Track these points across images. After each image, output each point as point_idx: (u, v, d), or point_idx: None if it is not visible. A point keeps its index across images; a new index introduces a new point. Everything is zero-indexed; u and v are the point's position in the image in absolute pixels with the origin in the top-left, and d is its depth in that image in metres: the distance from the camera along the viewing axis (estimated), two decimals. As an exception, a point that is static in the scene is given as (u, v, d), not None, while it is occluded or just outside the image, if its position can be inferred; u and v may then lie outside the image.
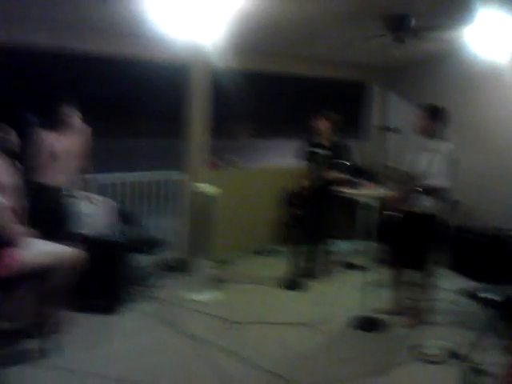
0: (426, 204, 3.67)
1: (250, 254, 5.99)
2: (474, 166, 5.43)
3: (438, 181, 3.47)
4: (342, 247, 6.01)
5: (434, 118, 3.73)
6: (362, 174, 6.31)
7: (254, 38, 5.06)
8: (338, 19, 4.21)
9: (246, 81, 6.31)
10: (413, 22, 3.92)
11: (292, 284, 4.80)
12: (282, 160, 8.09)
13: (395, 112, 6.97)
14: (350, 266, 5.42)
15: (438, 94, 6.22)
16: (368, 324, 3.85)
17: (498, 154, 5.51)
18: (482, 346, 3.07)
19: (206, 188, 4.47)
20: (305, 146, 5.09)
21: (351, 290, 4.55)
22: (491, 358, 3.01)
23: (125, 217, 4.74)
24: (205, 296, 4.49)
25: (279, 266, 5.36)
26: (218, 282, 4.75)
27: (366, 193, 6.07)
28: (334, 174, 4.63)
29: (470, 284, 4.63)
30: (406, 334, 3.78)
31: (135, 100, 14.77)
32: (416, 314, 3.88)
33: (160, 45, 4.93)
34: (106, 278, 4.02)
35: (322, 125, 4.85)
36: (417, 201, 3.67)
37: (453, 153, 3.59)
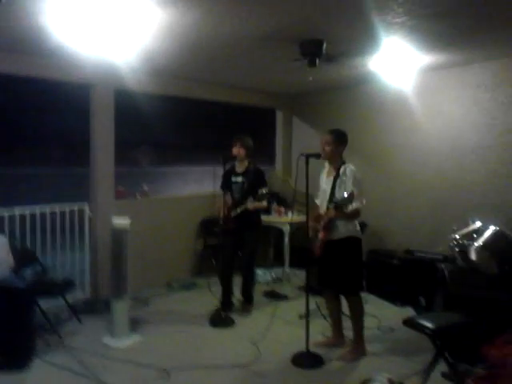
0: (346, 228, 3.54)
1: (167, 290, 5.55)
2: (378, 189, 5.65)
3: (351, 204, 3.33)
4: (262, 276, 5.82)
5: (340, 142, 3.67)
6: (275, 199, 6.25)
7: (166, 61, 4.76)
8: (254, 43, 4.07)
9: (157, 105, 5.97)
10: (324, 46, 3.87)
11: (218, 320, 4.40)
12: (195, 187, 7.76)
13: (299, 137, 7.20)
14: (274, 296, 5.19)
15: (341, 120, 6.44)
16: (305, 360, 3.54)
17: (402, 178, 5.76)
18: (426, 376, 2.94)
19: (115, 219, 3.99)
20: (221, 172, 4.80)
21: (280, 322, 4.36)
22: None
23: (22, 255, 4.12)
24: (124, 342, 3.97)
25: (201, 300, 5.02)
26: (137, 324, 4.28)
27: (284, 219, 6.03)
28: (254, 203, 4.39)
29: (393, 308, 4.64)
30: (348, 368, 3.52)
31: (36, 124, 13.52)
32: (355, 346, 3.67)
33: (64, 64, 4.54)
34: (4, 331, 3.42)
35: (238, 151, 4.58)
36: (335, 226, 3.53)
37: (357, 174, 3.54)
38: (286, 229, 5.93)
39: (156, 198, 6.54)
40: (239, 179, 4.61)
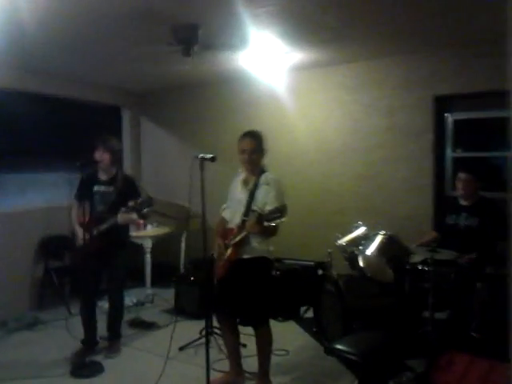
0: (260, 246, 2.99)
1: (2, 331, 4.30)
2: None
3: (280, 218, 2.77)
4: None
5: (264, 148, 3.14)
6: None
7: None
8: (120, 23, 3.34)
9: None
10: (200, 32, 3.34)
11: (82, 368, 3.42)
12: (40, 199, 6.42)
13: (149, 138, 6.70)
14: (140, 325, 4.39)
15: (199, 120, 6.04)
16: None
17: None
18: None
19: None
20: (81, 181, 3.88)
21: (158, 359, 3.55)
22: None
23: None
24: None
25: (50, 342, 4.01)
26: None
27: (144, 233, 5.31)
28: (124, 216, 3.59)
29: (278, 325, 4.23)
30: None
31: None
32: (260, 381, 3.09)
33: None
34: None
35: (101, 156, 3.75)
36: (248, 243, 2.97)
37: (281, 185, 3.07)
38: (147, 244, 5.21)
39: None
40: (104, 188, 3.77)
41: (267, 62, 4.62)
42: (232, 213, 3.15)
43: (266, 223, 2.77)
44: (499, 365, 2.57)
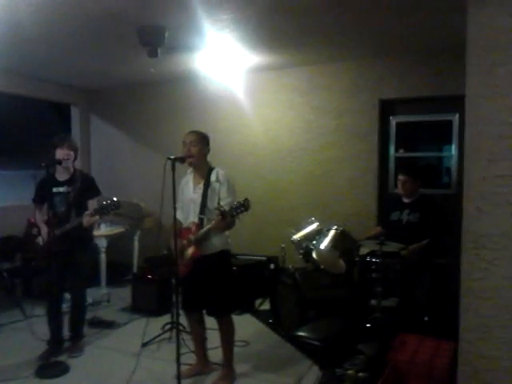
0: (220, 241, 3.11)
1: None
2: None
3: (245, 211, 2.90)
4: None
5: (206, 143, 3.23)
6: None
7: None
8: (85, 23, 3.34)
9: None
10: (167, 34, 3.41)
11: (48, 368, 3.37)
12: None
13: (99, 135, 6.63)
14: (99, 324, 4.36)
15: (152, 118, 6.07)
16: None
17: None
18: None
19: None
20: (38, 184, 3.78)
21: (123, 356, 3.62)
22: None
23: None
24: None
25: (9, 343, 3.93)
26: None
27: (98, 233, 5.23)
28: (88, 219, 3.54)
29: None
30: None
31: None
32: (226, 370, 3.21)
33: None
34: None
35: (68, 154, 3.66)
36: (208, 239, 3.08)
37: (230, 179, 3.19)
38: (102, 243, 5.19)
39: None
40: (63, 189, 3.71)
41: (224, 63, 4.75)
42: (185, 213, 3.23)
43: (229, 218, 2.91)
44: (445, 342, 2.91)
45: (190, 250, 3.12)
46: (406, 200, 4.11)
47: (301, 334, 2.83)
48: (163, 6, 3.10)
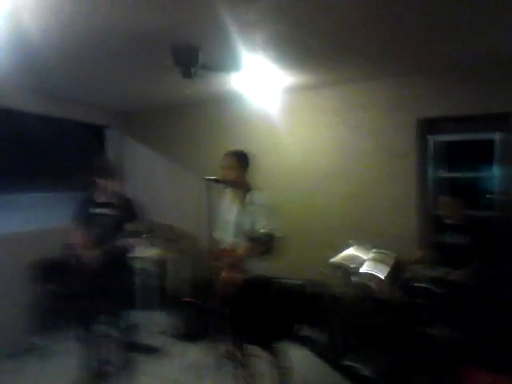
0: (257, 267, 3.06)
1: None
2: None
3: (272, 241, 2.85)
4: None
5: (244, 165, 3.21)
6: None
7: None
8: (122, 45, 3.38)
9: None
10: (200, 55, 3.41)
11: None
12: (34, 221, 6.18)
13: (134, 157, 6.65)
14: (142, 349, 4.30)
15: (185, 139, 6.08)
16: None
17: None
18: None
19: None
20: (79, 203, 3.83)
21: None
22: None
23: None
24: None
25: (53, 371, 3.87)
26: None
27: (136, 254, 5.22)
28: (127, 240, 3.55)
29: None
30: None
31: None
32: None
33: None
34: None
35: (105, 180, 3.70)
36: (241, 265, 3.01)
37: (270, 203, 3.13)
38: (138, 266, 5.16)
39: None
40: (102, 211, 3.73)
41: (259, 83, 4.74)
42: (221, 233, 3.18)
43: (258, 245, 2.82)
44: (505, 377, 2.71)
45: (224, 274, 3.04)
46: (448, 221, 3.97)
47: (350, 363, 2.70)
48: (196, 26, 3.09)
